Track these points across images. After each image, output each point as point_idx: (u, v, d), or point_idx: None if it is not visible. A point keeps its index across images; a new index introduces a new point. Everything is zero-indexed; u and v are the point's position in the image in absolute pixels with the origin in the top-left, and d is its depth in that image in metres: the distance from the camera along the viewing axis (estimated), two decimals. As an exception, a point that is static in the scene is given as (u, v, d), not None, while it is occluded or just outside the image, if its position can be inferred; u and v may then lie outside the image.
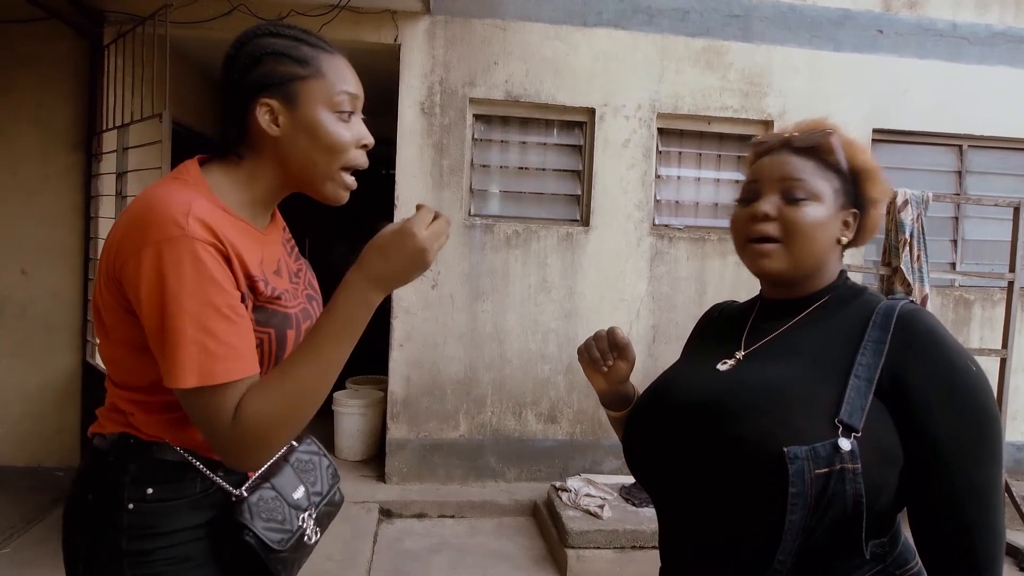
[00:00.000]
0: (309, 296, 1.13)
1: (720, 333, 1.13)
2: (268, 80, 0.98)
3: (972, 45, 4.46)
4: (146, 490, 0.99)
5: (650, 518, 3.31)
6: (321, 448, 1.23)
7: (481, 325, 4.09)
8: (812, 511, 0.84)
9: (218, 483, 1.03)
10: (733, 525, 0.91)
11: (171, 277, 0.87)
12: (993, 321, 4.46)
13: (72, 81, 3.92)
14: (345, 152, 1.02)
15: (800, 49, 4.28)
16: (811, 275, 1.02)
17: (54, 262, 3.95)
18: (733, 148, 4.38)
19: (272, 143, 1.00)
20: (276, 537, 1.03)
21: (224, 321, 0.89)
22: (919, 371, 0.88)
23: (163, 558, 0.99)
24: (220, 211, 0.96)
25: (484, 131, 4.17)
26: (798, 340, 0.99)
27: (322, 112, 1.00)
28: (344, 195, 1.06)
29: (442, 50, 3.99)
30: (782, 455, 0.84)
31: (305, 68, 1.00)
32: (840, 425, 0.85)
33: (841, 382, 0.89)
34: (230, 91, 1.01)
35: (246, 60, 1.00)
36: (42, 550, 3.00)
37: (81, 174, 3.93)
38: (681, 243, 4.24)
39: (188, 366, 0.87)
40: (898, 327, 0.91)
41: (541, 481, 4.07)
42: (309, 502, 1.13)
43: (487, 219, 4.13)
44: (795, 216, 0.98)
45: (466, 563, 3.27)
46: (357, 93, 1.04)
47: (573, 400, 4.18)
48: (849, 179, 1.02)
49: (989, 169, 4.65)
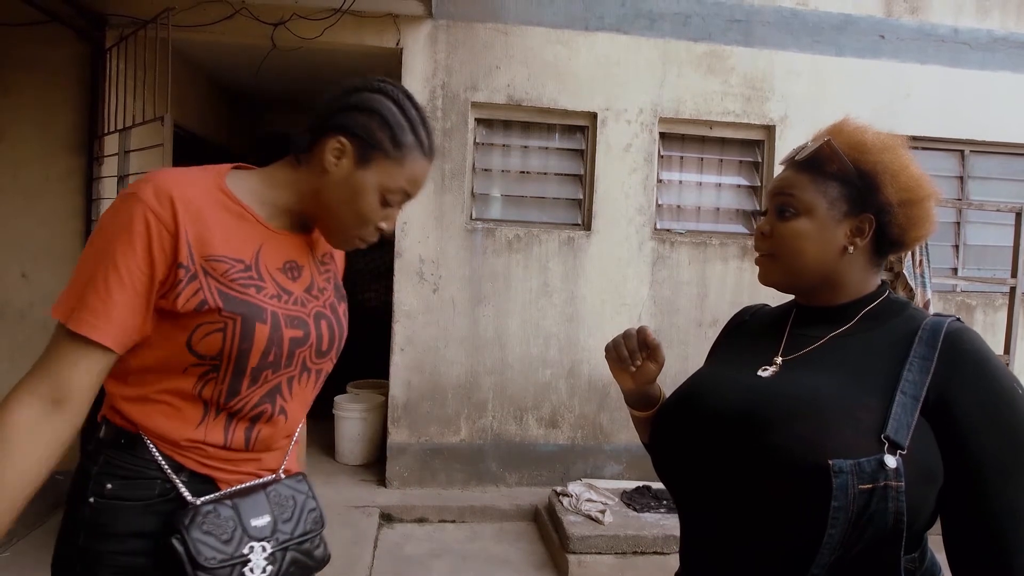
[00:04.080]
0: (320, 314, 1.11)
1: (754, 338, 1.11)
2: (362, 132, 1.04)
3: (973, 50, 4.46)
4: (106, 485, 0.98)
5: (652, 523, 3.29)
6: (313, 493, 1.16)
7: (482, 329, 4.08)
8: (852, 527, 0.82)
9: (178, 488, 1.00)
10: (768, 535, 0.89)
11: (102, 225, 0.95)
12: (995, 326, 4.45)
13: (74, 84, 3.92)
14: (365, 227, 1.09)
15: (802, 54, 4.29)
16: (820, 285, 1.02)
17: (55, 265, 3.94)
18: (735, 153, 4.38)
19: (320, 174, 1.05)
20: (210, 553, 0.96)
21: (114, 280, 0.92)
22: (966, 392, 0.87)
23: (110, 564, 0.97)
24: (217, 192, 1.01)
25: (486, 135, 4.17)
26: (841, 351, 0.97)
27: (376, 187, 1.05)
28: (345, 249, 1.14)
29: (444, 54, 3.99)
30: (825, 467, 0.82)
31: (396, 150, 1.05)
32: (886, 441, 0.84)
33: (887, 397, 0.88)
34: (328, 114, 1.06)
35: (361, 106, 1.06)
36: (41, 555, 2.97)
37: (82, 177, 3.93)
38: (683, 247, 4.23)
39: (65, 300, 0.93)
40: (945, 346, 0.90)
41: (542, 486, 4.06)
42: (271, 536, 1.04)
43: (488, 223, 4.13)
44: (781, 232, 1.01)
45: (467, 568, 3.26)
46: (412, 194, 1.10)
47: (574, 405, 4.17)
48: (858, 183, 0.99)
49: (991, 174, 4.65)
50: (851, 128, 1.03)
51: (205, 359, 0.98)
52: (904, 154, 1.00)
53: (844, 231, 0.99)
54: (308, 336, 1.07)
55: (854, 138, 1.01)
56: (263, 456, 1.10)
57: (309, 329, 1.07)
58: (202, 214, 0.96)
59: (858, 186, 0.99)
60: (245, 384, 1.01)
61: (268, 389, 1.05)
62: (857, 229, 1.00)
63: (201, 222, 0.96)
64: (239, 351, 0.98)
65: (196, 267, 0.96)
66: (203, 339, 0.97)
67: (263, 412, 1.05)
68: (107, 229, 0.94)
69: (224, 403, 1.01)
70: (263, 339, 0.99)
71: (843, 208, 0.99)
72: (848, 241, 0.99)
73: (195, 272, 0.95)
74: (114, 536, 0.97)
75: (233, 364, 0.99)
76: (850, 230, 0.99)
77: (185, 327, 0.96)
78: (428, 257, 4.02)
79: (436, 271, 4.03)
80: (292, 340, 1.03)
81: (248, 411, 1.04)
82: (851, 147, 1.00)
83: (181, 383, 0.99)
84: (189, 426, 1.00)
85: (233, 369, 0.99)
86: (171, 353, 0.98)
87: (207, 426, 1.01)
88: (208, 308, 0.96)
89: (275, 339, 1.01)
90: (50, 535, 3.14)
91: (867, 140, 1.01)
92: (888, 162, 0.99)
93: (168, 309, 0.96)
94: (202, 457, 1.02)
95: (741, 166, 4.40)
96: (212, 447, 1.02)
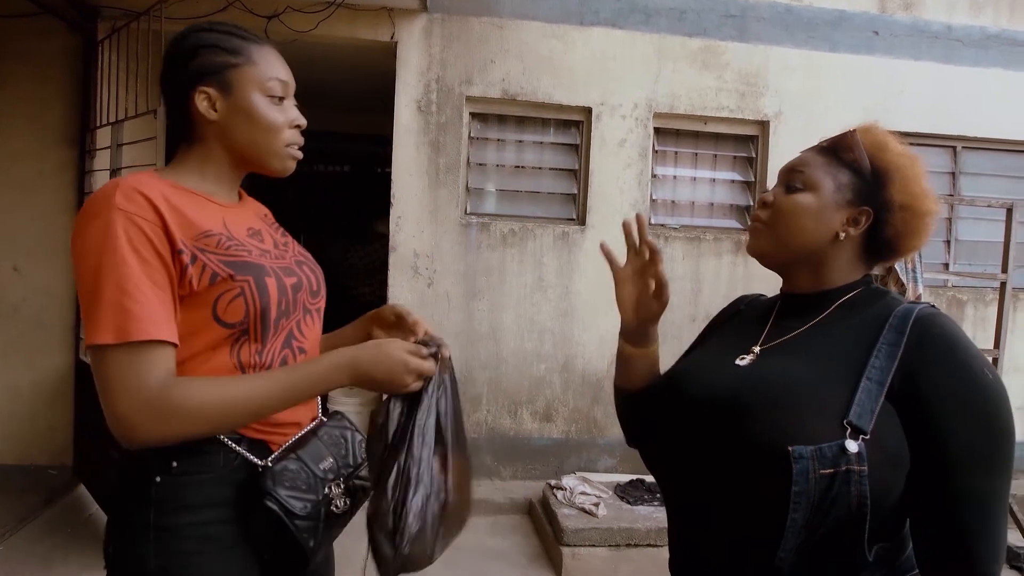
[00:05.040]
0: (299, 261, 1.18)
1: (741, 326, 1.15)
2: (204, 70, 1.07)
3: (966, 47, 4.48)
4: (171, 463, 1.02)
5: (645, 516, 3.31)
6: (353, 424, 1.24)
7: (477, 324, 4.09)
8: (815, 510, 0.84)
9: (242, 455, 1.05)
10: (739, 520, 0.92)
11: (89, 248, 0.96)
12: (986, 321, 4.48)
13: (66, 77, 3.90)
14: (280, 132, 1.11)
15: (796, 50, 4.29)
16: (804, 264, 1.04)
17: (47, 259, 3.93)
18: (729, 148, 4.39)
19: (214, 128, 1.09)
20: (299, 505, 1.04)
21: (143, 283, 0.95)
22: (932, 375, 0.88)
23: (190, 536, 1.01)
24: (168, 186, 1.04)
25: (480, 129, 4.17)
26: (815, 339, 1.00)
27: (255, 96, 1.09)
28: (291, 165, 1.15)
29: (439, 48, 3.98)
30: (787, 454, 0.84)
31: (237, 57, 1.09)
32: (848, 427, 0.86)
33: (853, 383, 0.90)
34: (171, 85, 1.10)
35: (183, 54, 1.09)
36: (34, 549, 2.98)
37: (75, 170, 3.91)
38: (677, 243, 4.24)
39: (104, 324, 0.93)
40: (914, 331, 0.91)
41: (536, 480, 4.07)
42: (338, 473, 1.13)
43: (483, 218, 4.13)
44: (782, 203, 1.04)
45: (461, 562, 3.27)
46: (287, 80, 1.13)
47: (569, 399, 4.18)
48: (869, 178, 1.02)
49: (982, 170, 4.67)
50: (879, 130, 1.05)
51: (234, 326, 1.03)
52: (920, 168, 1.03)
53: (842, 217, 1.01)
54: (301, 281, 1.14)
55: (878, 138, 1.04)
56: (301, 418, 1.16)
57: (299, 274, 1.15)
58: (172, 202, 1.01)
59: (868, 180, 1.02)
60: (270, 335, 1.08)
61: (285, 336, 1.11)
62: (853, 219, 1.02)
63: (175, 209, 1.01)
64: (262, 308, 1.04)
65: (192, 248, 1.00)
66: (227, 307, 1.02)
67: (286, 356, 1.11)
68: (97, 248, 0.95)
69: (259, 360, 1.07)
70: (275, 292, 1.06)
71: (847, 196, 1.01)
72: (842, 228, 1.01)
73: (194, 253, 1.00)
74: (188, 508, 1.02)
75: (260, 322, 1.05)
76: (848, 218, 1.01)
77: (206, 303, 1.01)
78: (423, 252, 4.02)
79: (431, 266, 4.03)
80: (293, 287, 1.11)
81: (276, 359, 1.10)
82: (873, 144, 1.03)
83: (219, 359, 1.04)
84: None
85: (261, 326, 1.05)
86: (203, 334, 1.02)
87: None
88: (220, 279, 1.01)
89: (283, 289, 1.08)
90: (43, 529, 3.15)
91: (890, 143, 1.04)
92: (903, 166, 1.01)
93: (185, 294, 1.00)
94: (255, 423, 1.07)
95: (735, 161, 4.41)
96: None
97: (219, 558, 1.02)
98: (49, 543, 3.02)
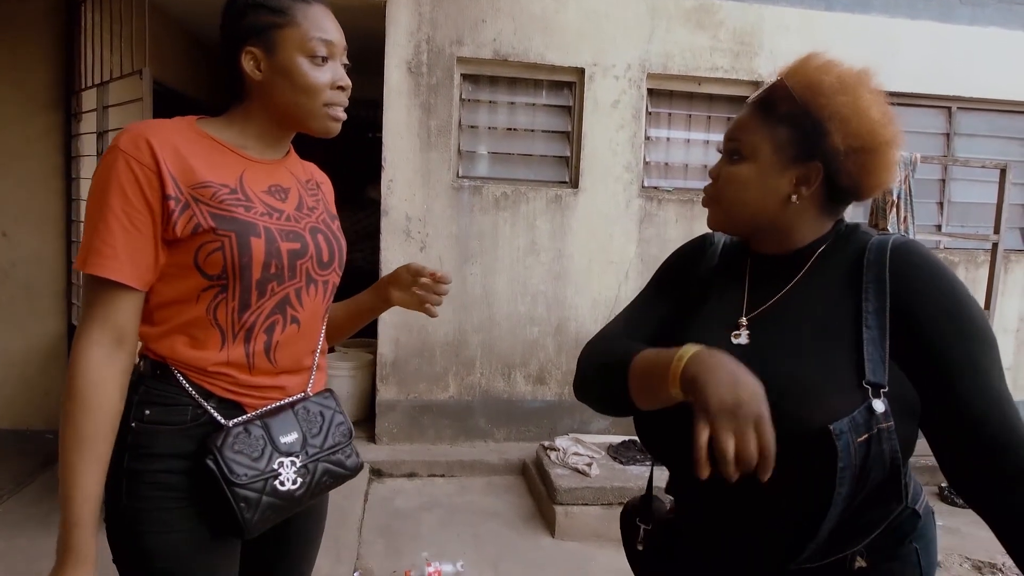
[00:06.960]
0: (314, 228, 1.18)
1: (717, 285, 1.07)
2: (250, 30, 1.10)
3: (963, 5, 4.42)
4: (145, 411, 1.07)
5: (637, 475, 3.36)
6: (339, 406, 1.23)
7: (470, 288, 4.09)
8: (858, 481, 0.83)
9: (210, 412, 1.08)
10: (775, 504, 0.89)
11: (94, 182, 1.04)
12: (976, 283, 4.50)
13: (49, 39, 3.82)
14: (321, 93, 1.12)
15: (792, 8, 4.23)
16: (766, 232, 1.00)
17: (36, 225, 3.90)
18: (723, 109, 4.35)
19: (258, 87, 1.12)
20: (241, 470, 1.04)
21: (115, 223, 1.01)
22: (928, 304, 0.88)
23: (152, 482, 1.06)
24: (191, 133, 1.09)
25: (472, 91, 4.11)
26: (802, 302, 0.96)
27: (298, 57, 1.10)
28: (334, 127, 1.16)
29: (428, 7, 3.90)
30: (825, 432, 0.82)
31: (281, 17, 1.10)
32: (868, 386, 0.85)
33: (855, 337, 0.88)
34: (223, 44, 1.13)
35: (233, 14, 1.12)
36: (31, 512, 3.01)
37: (61, 135, 3.85)
38: (670, 205, 4.23)
39: (81, 251, 1.03)
40: (894, 264, 0.90)
41: (530, 441, 4.12)
42: (301, 450, 1.12)
43: (475, 181, 4.10)
44: (725, 176, 1.00)
45: (456, 521, 3.33)
46: (333, 40, 1.13)
47: (561, 361, 4.21)
48: (808, 128, 0.93)
49: (977, 131, 4.65)
50: (813, 66, 0.95)
51: (213, 279, 1.06)
52: (865, 96, 0.92)
53: (789, 179, 0.95)
54: (307, 248, 1.14)
55: (812, 78, 0.94)
56: (287, 384, 1.17)
57: (306, 242, 1.15)
58: (179, 149, 1.04)
59: (807, 130, 0.93)
60: (254, 297, 1.09)
61: (277, 300, 1.12)
62: (803, 177, 0.95)
63: (180, 156, 1.04)
64: (241, 265, 1.06)
65: (185, 196, 1.04)
66: (207, 258, 1.05)
67: (275, 322, 1.12)
68: (98, 184, 1.03)
69: (238, 319, 1.09)
70: (260, 252, 1.07)
71: (789, 153, 0.94)
72: (792, 190, 0.95)
73: (186, 201, 1.03)
74: (155, 456, 1.06)
75: (239, 279, 1.06)
76: (796, 178, 0.95)
77: (189, 250, 1.05)
78: (415, 215, 4.00)
79: (423, 229, 4.01)
80: (290, 252, 1.11)
81: (262, 323, 1.11)
82: (806, 88, 0.93)
83: (196, 311, 1.07)
84: (212, 352, 1.08)
85: (240, 285, 1.07)
86: (183, 279, 1.06)
87: (228, 349, 1.09)
88: (203, 230, 1.04)
89: (272, 251, 1.08)
90: (40, 493, 3.18)
91: (824, 81, 0.93)
92: (840, 105, 0.91)
93: (170, 239, 1.04)
94: (229, 384, 1.10)
95: (729, 123, 4.37)
96: (238, 372, 1.10)
97: (175, 507, 1.06)
98: (47, 505, 3.05)
